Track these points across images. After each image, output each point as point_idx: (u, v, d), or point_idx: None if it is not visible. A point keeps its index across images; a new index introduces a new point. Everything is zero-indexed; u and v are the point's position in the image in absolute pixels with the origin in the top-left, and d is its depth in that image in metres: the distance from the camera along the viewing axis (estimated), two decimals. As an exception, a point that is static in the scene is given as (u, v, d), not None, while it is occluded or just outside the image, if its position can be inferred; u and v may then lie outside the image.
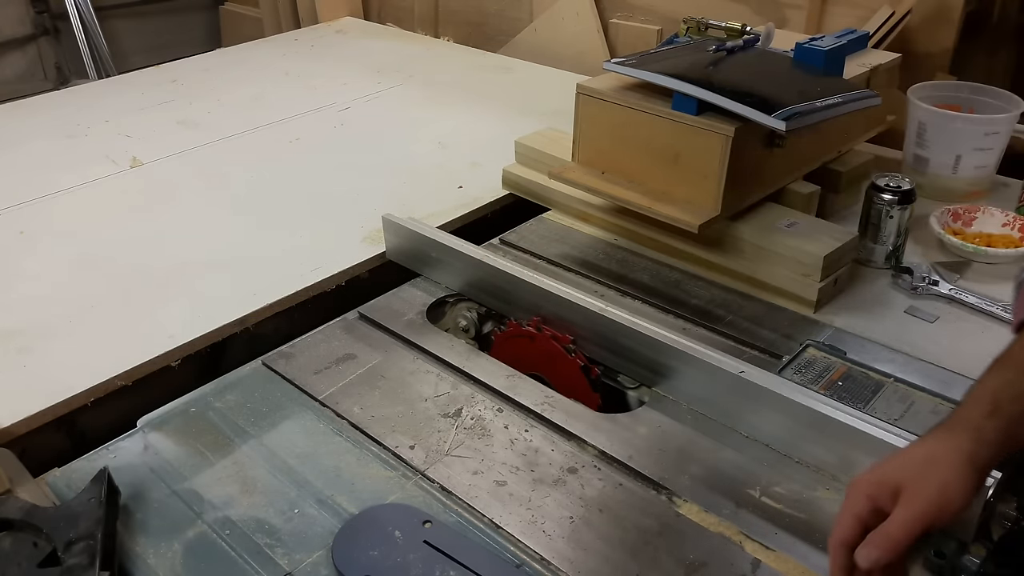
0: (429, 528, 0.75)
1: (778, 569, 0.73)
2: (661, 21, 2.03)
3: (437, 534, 0.75)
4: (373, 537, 0.75)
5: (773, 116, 1.01)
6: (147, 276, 1.20)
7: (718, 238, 1.15)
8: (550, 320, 1.03)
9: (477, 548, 0.75)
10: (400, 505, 0.79)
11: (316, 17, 2.58)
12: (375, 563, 0.73)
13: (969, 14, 1.61)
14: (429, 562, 0.73)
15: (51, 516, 0.77)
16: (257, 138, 1.66)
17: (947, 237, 1.19)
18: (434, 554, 0.73)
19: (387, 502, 0.81)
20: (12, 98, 2.14)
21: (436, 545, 0.74)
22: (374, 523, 0.77)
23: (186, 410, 0.95)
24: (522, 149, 1.37)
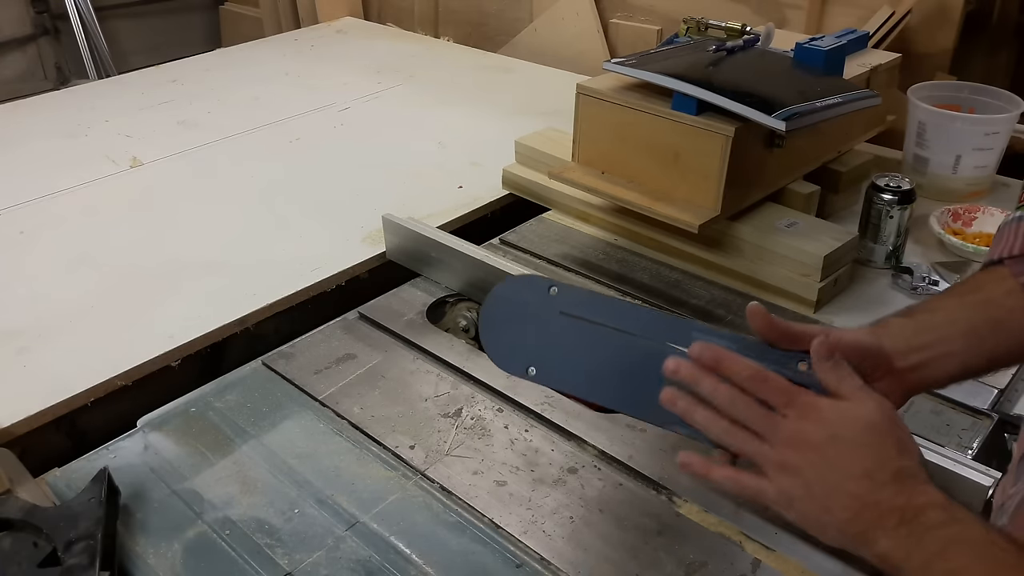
0: (556, 294, 0.73)
1: (778, 569, 0.73)
2: (661, 21, 2.03)
3: (566, 299, 0.72)
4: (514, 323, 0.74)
5: (773, 116, 1.01)
6: (147, 276, 1.20)
7: (718, 238, 1.15)
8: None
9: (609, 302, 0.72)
10: (521, 279, 0.77)
11: (316, 17, 2.58)
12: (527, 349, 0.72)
13: (969, 14, 1.61)
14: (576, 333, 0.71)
15: (51, 516, 0.77)
16: (257, 138, 1.66)
17: (947, 237, 1.19)
18: (574, 323, 0.72)
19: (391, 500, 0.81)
20: (12, 98, 2.14)
21: (571, 312, 0.72)
22: (507, 306, 0.75)
23: (186, 410, 0.95)
24: (522, 149, 1.37)
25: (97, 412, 0.98)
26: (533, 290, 0.74)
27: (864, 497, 0.58)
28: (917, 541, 0.55)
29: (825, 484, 0.60)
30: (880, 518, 0.57)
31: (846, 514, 0.59)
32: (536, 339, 0.72)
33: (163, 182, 1.49)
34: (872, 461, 0.59)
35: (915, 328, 0.67)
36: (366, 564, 0.75)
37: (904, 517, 0.56)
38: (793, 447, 0.61)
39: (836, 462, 0.60)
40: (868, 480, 0.58)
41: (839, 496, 0.59)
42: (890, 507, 0.57)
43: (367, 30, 2.40)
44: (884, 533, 0.57)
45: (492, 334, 0.76)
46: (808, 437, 0.61)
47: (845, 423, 0.61)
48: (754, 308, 0.66)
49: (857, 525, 0.58)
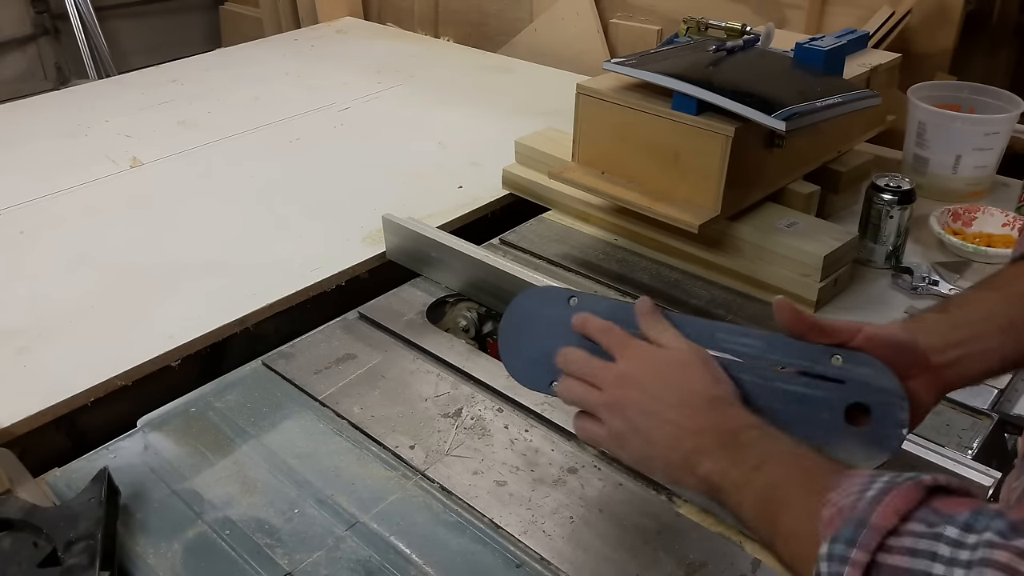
0: (576, 304, 0.72)
1: (778, 569, 0.73)
2: (661, 21, 2.03)
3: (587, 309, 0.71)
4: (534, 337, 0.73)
5: (773, 116, 1.01)
6: (147, 276, 1.20)
7: (718, 238, 1.15)
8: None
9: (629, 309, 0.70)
10: (540, 290, 0.76)
11: (316, 17, 2.58)
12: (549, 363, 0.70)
13: (969, 14, 1.61)
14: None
15: (51, 516, 0.77)
16: (257, 138, 1.66)
17: (947, 237, 1.19)
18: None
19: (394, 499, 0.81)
20: (12, 98, 2.14)
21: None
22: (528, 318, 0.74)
23: (186, 410, 0.95)
24: (522, 149, 1.37)
25: (97, 412, 0.98)
26: (552, 302, 0.73)
27: (681, 423, 0.61)
28: (735, 459, 0.57)
29: (647, 418, 0.63)
30: (699, 442, 0.60)
31: (667, 441, 0.61)
32: (557, 352, 0.70)
33: (163, 182, 1.49)
34: (687, 391, 0.62)
35: (951, 323, 0.65)
36: (366, 564, 0.75)
37: (721, 439, 0.59)
38: (618, 387, 0.65)
39: (655, 396, 0.63)
40: (685, 407, 0.62)
41: (660, 426, 0.62)
42: (708, 430, 0.60)
43: (367, 30, 2.40)
44: (704, 456, 0.59)
45: (512, 351, 0.74)
46: (631, 376, 0.65)
47: (663, 362, 0.65)
48: (781, 303, 0.64)
49: (678, 453, 0.61)
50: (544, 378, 0.71)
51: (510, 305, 0.75)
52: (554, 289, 0.76)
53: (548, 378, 0.71)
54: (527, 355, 0.73)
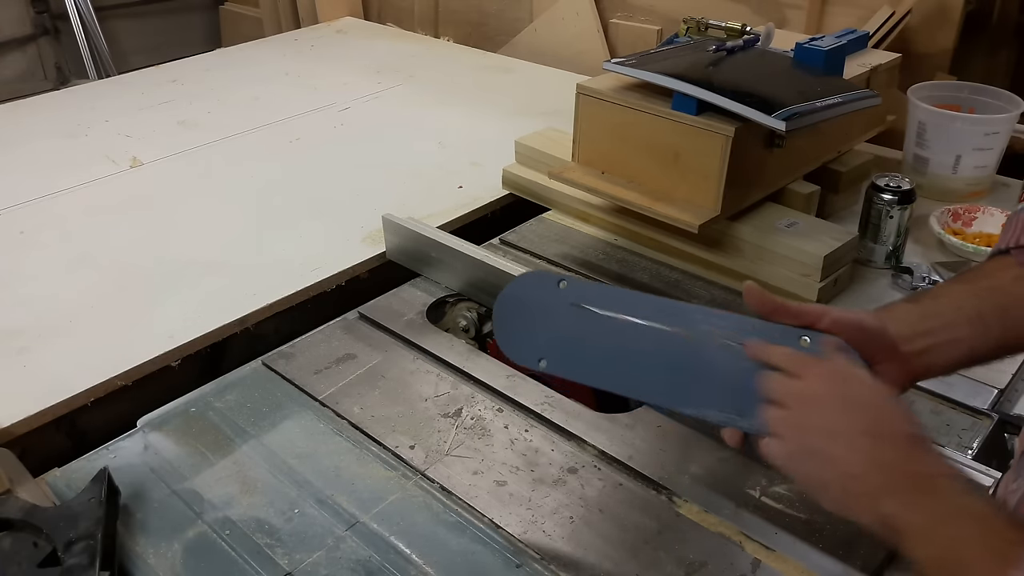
0: (565, 288, 0.74)
1: (778, 569, 0.73)
2: (661, 21, 2.03)
3: (576, 291, 0.74)
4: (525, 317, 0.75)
5: (773, 116, 1.01)
6: (147, 276, 1.20)
7: (718, 238, 1.15)
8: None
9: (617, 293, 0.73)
10: (532, 275, 0.78)
11: (316, 17, 2.57)
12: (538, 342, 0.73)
13: (969, 14, 1.61)
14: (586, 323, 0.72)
15: (51, 516, 0.77)
16: (257, 138, 1.66)
17: (947, 237, 1.19)
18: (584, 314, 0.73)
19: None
20: (12, 98, 2.14)
21: (581, 303, 0.73)
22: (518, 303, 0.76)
23: (186, 410, 0.95)
24: (522, 149, 1.37)
25: (97, 412, 0.98)
26: (542, 285, 0.75)
27: (875, 456, 0.56)
28: (925, 507, 0.54)
29: (833, 439, 0.58)
30: (891, 480, 0.55)
31: (854, 470, 0.57)
32: (547, 332, 0.74)
33: (163, 182, 1.49)
34: (884, 422, 0.58)
35: (921, 313, 0.66)
36: (366, 564, 0.75)
37: (917, 483, 0.55)
38: (803, 406, 0.61)
39: (843, 418, 0.59)
40: (879, 440, 0.57)
41: (844, 452, 0.57)
42: (903, 471, 0.56)
43: (367, 30, 2.40)
44: (891, 496, 0.55)
45: (504, 330, 0.77)
46: (818, 395, 0.60)
47: (856, 383, 0.60)
48: (750, 287, 0.66)
49: (863, 484, 0.56)
50: (534, 355, 0.74)
51: (504, 290, 0.77)
52: (545, 274, 0.78)
53: (537, 355, 0.74)
54: (518, 335, 0.76)
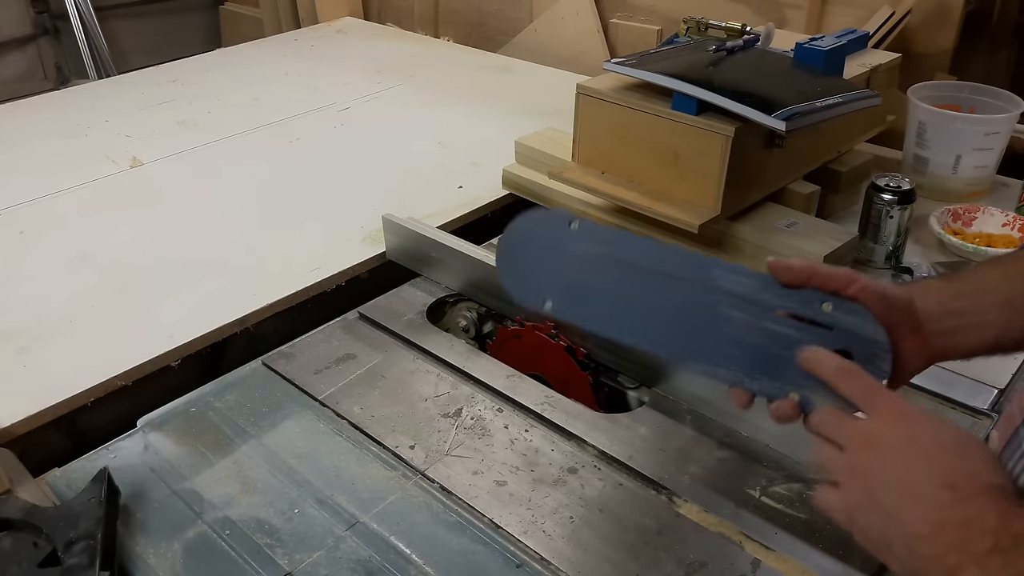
0: (577, 229, 0.71)
1: (778, 569, 0.73)
2: (661, 21, 2.03)
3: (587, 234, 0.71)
4: (531, 255, 0.72)
5: (773, 116, 1.01)
6: (147, 276, 1.20)
7: (718, 238, 1.15)
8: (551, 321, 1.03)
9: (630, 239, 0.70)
10: (541, 212, 0.75)
11: (316, 17, 2.57)
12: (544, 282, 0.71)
13: (969, 14, 1.61)
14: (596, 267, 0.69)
15: (51, 516, 0.77)
16: (257, 138, 1.66)
17: (947, 237, 1.19)
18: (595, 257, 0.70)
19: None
20: (12, 98, 2.14)
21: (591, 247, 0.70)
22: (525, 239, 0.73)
23: (186, 410, 0.95)
24: (522, 149, 1.37)
25: (97, 412, 0.98)
26: (553, 223, 0.72)
27: (946, 511, 0.48)
28: (1013, 572, 0.45)
29: (896, 489, 0.50)
30: (966, 541, 0.47)
31: (921, 529, 0.48)
32: (554, 273, 0.71)
33: (163, 182, 1.49)
34: (958, 470, 0.50)
35: (952, 292, 0.63)
36: (366, 564, 0.75)
37: (999, 544, 0.46)
38: (865, 449, 0.53)
39: (911, 467, 0.50)
40: (952, 491, 0.48)
41: (913, 506, 0.49)
42: (981, 529, 0.46)
43: (367, 30, 2.40)
44: (971, 559, 0.46)
45: (509, 266, 0.74)
46: (882, 438, 0.53)
47: (927, 425, 0.53)
48: (773, 262, 0.63)
49: (934, 545, 0.48)
50: (539, 296, 0.71)
51: (510, 224, 0.74)
52: (556, 211, 0.75)
53: (542, 297, 0.71)
54: (523, 273, 0.73)
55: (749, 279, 0.65)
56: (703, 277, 0.66)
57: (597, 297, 0.70)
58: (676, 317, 0.67)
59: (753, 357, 0.62)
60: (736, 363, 0.64)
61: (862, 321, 0.61)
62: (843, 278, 0.61)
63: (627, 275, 0.69)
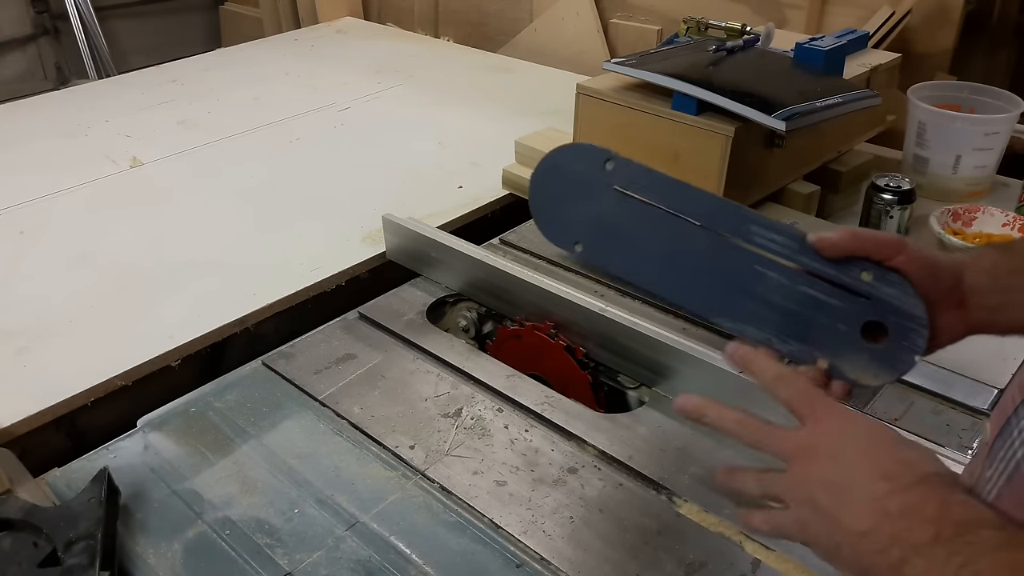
0: (612, 169, 0.68)
1: (778, 569, 0.73)
2: (661, 21, 2.03)
3: (622, 175, 0.68)
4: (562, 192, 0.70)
5: (773, 116, 1.01)
6: (147, 276, 1.20)
7: (718, 238, 1.15)
8: (551, 320, 1.03)
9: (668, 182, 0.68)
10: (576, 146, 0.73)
11: (316, 17, 2.58)
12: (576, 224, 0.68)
13: (969, 14, 1.61)
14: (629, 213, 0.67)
15: (51, 516, 0.77)
16: (257, 138, 1.66)
17: (947, 237, 1.19)
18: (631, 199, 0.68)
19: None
20: (12, 98, 2.14)
21: (626, 190, 0.68)
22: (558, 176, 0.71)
23: (186, 410, 0.95)
24: (522, 149, 1.37)
25: (97, 412, 0.98)
26: (586, 160, 0.70)
27: (882, 502, 0.46)
28: (961, 566, 0.42)
29: (834, 492, 0.49)
30: (907, 531, 0.45)
31: (861, 524, 0.47)
32: (586, 214, 0.69)
33: (163, 182, 1.49)
34: (893, 461, 0.49)
35: (1010, 268, 0.60)
36: (366, 564, 0.75)
37: (941, 533, 0.44)
38: (804, 460, 0.52)
39: (847, 466, 0.49)
40: (888, 482, 0.47)
41: (851, 503, 0.48)
42: (920, 518, 0.45)
43: (367, 30, 2.40)
44: (914, 551, 0.44)
45: (540, 204, 0.72)
46: (818, 445, 0.52)
47: (862, 424, 0.52)
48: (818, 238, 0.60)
49: (877, 540, 0.46)
50: (570, 238, 0.70)
51: (544, 158, 0.73)
52: (590, 147, 0.72)
53: (573, 239, 0.70)
54: (555, 212, 0.71)
55: (788, 239, 0.62)
56: (741, 231, 0.63)
57: (629, 243, 0.68)
58: (708, 270, 0.64)
59: (784, 319, 0.60)
60: (767, 324, 0.62)
61: (901, 293, 0.59)
62: (891, 246, 0.59)
63: (661, 221, 0.66)
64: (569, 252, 0.70)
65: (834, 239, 0.61)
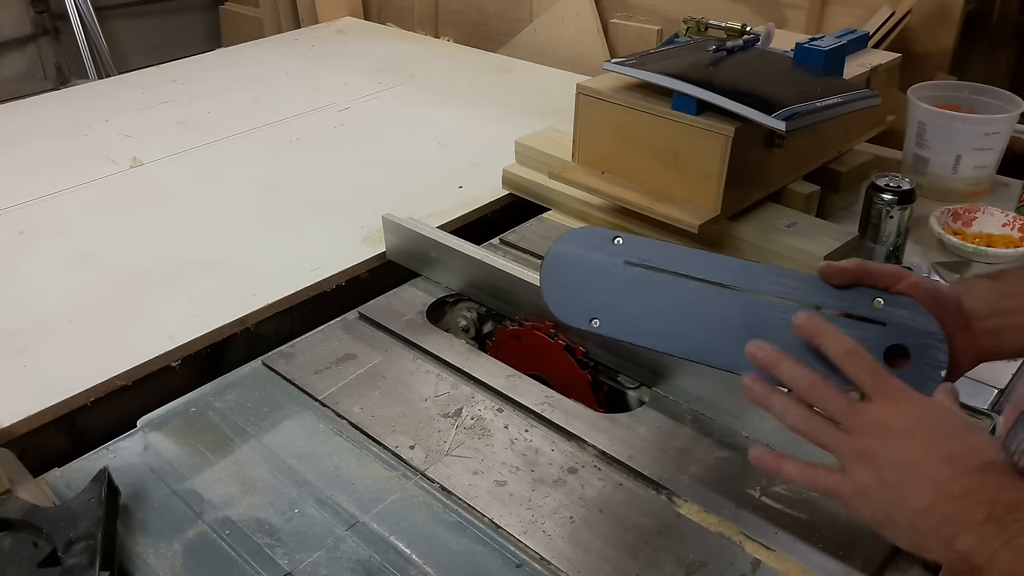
0: (621, 244, 0.71)
1: (778, 569, 0.73)
2: (661, 21, 2.03)
3: (632, 249, 0.71)
4: (576, 275, 0.72)
5: (773, 116, 1.01)
6: (147, 276, 1.20)
7: (718, 238, 1.15)
8: (550, 320, 1.03)
9: (676, 250, 0.70)
10: (584, 230, 0.74)
11: (316, 17, 2.58)
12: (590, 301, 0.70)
13: (969, 14, 1.61)
14: (645, 282, 0.69)
15: (51, 516, 0.77)
16: (257, 138, 1.66)
17: (947, 237, 1.19)
18: (642, 272, 0.70)
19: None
20: (12, 98, 2.14)
21: (638, 261, 0.70)
22: (569, 260, 0.73)
23: (186, 410, 0.95)
24: (522, 149, 1.37)
25: (97, 412, 0.98)
26: (596, 241, 0.72)
27: (945, 484, 0.51)
28: (1008, 540, 0.48)
29: (901, 471, 0.54)
30: (963, 510, 0.50)
31: (921, 502, 0.52)
32: (600, 291, 0.70)
33: (163, 182, 1.49)
34: (957, 447, 0.53)
35: (1001, 292, 0.63)
36: (366, 564, 0.75)
37: (993, 512, 0.49)
38: (874, 435, 0.56)
39: (916, 447, 0.54)
40: (950, 466, 0.52)
41: (915, 483, 0.53)
42: (976, 500, 0.50)
43: (367, 30, 2.40)
44: (967, 527, 0.50)
45: (553, 288, 0.73)
46: (890, 423, 0.55)
47: (934, 409, 0.56)
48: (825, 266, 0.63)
49: (933, 517, 0.51)
50: (585, 315, 0.71)
51: (553, 246, 0.74)
52: (599, 229, 0.74)
53: (589, 315, 0.71)
54: (568, 294, 0.72)
55: (799, 281, 0.65)
56: (751, 283, 0.66)
57: (645, 312, 0.70)
58: (727, 326, 0.66)
59: (809, 360, 0.61)
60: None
61: (913, 314, 0.61)
62: (893, 275, 0.62)
63: (674, 287, 0.69)
64: (585, 328, 0.72)
65: (842, 265, 0.63)
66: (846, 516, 0.78)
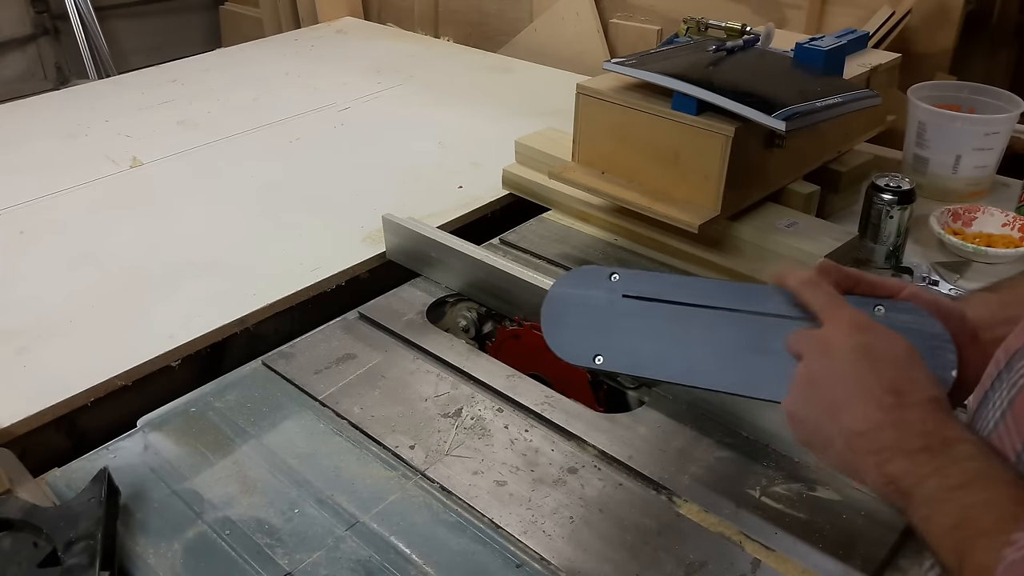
0: (617, 281, 0.72)
1: (778, 569, 0.73)
2: (661, 21, 2.03)
3: (629, 282, 0.71)
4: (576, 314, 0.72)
5: (773, 116, 1.01)
6: (147, 276, 1.20)
7: (718, 238, 1.15)
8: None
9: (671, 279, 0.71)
10: (579, 271, 0.75)
11: (316, 17, 2.58)
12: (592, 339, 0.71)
13: (969, 14, 1.61)
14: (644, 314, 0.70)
15: (51, 516, 0.77)
16: (257, 138, 1.66)
17: (947, 237, 1.19)
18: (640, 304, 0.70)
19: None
20: (12, 98, 2.14)
21: (636, 294, 0.71)
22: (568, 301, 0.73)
23: (186, 410, 0.95)
24: (522, 149, 1.37)
25: (97, 412, 0.98)
26: (593, 280, 0.73)
27: (888, 413, 0.53)
28: (937, 469, 0.49)
29: (844, 389, 0.55)
30: (901, 439, 0.51)
31: (862, 426, 0.53)
32: (600, 328, 0.71)
33: (163, 182, 1.49)
34: (905, 378, 0.54)
35: (1001, 301, 0.64)
36: (366, 564, 0.75)
37: (929, 444, 0.50)
38: (820, 355, 0.58)
39: (863, 369, 0.55)
40: (896, 396, 0.53)
41: (858, 405, 0.54)
42: (916, 431, 0.51)
43: (367, 30, 2.40)
44: (901, 454, 0.51)
45: (554, 329, 0.74)
46: (836, 344, 0.57)
47: (881, 335, 0.57)
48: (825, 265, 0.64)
49: (871, 442, 0.53)
50: (589, 353, 0.71)
51: (551, 289, 0.75)
52: (594, 268, 0.75)
53: (592, 352, 0.71)
54: (570, 333, 0.73)
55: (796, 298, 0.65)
56: (752, 303, 0.66)
57: (648, 344, 0.70)
58: (731, 350, 0.66)
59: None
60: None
61: (917, 317, 0.61)
62: (892, 286, 0.63)
63: (675, 316, 0.69)
64: (589, 366, 0.72)
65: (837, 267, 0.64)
66: (846, 516, 0.78)
